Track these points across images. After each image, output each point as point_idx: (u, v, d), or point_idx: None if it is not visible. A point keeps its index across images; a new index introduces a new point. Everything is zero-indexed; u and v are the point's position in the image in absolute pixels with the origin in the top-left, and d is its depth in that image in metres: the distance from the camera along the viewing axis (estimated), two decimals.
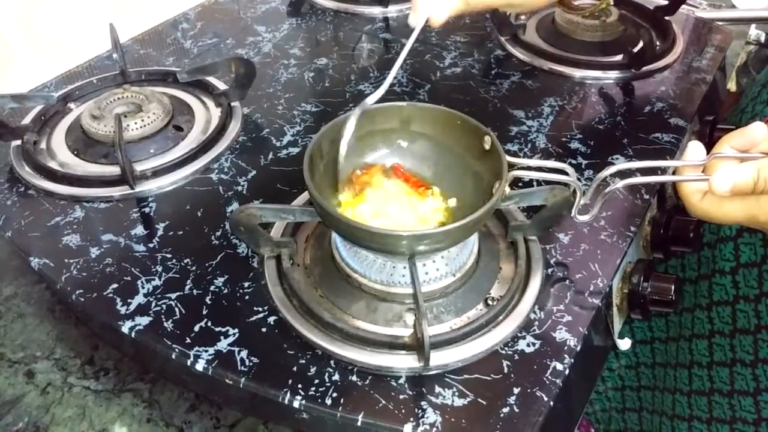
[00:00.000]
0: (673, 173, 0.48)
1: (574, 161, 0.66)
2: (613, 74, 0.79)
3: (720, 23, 0.96)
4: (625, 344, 0.58)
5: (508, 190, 0.48)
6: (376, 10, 0.96)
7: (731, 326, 0.61)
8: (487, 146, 0.51)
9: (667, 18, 0.87)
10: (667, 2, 0.89)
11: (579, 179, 0.49)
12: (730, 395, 0.62)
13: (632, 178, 0.48)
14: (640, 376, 0.78)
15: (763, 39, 1.10)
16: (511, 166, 0.48)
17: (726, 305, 0.61)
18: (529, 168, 0.49)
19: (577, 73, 0.79)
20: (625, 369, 0.79)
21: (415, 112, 0.55)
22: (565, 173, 0.48)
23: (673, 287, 0.55)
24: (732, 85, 1.15)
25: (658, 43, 0.83)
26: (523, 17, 0.90)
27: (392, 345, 0.47)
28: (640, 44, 0.78)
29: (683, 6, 0.93)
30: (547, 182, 0.50)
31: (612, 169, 0.47)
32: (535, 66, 0.81)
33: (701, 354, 0.64)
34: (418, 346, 0.46)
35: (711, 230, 0.63)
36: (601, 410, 0.85)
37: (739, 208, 0.43)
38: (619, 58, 0.80)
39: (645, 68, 0.78)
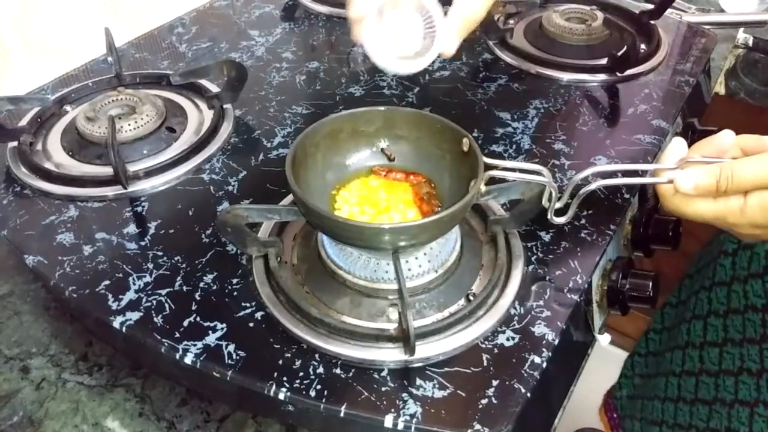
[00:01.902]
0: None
1: (557, 162, 0.67)
2: (598, 77, 0.80)
3: (708, 27, 0.98)
4: (605, 339, 0.59)
5: (484, 188, 0.49)
6: None
7: (741, 335, 0.62)
8: (465, 148, 0.52)
9: (652, 22, 0.89)
10: (652, 6, 0.90)
11: (555, 180, 0.50)
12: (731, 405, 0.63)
13: (608, 179, 0.49)
14: (659, 364, 0.78)
15: (751, 42, 1.11)
16: (489, 167, 0.50)
17: (738, 314, 0.62)
18: (505, 169, 0.50)
19: (563, 76, 0.81)
20: (650, 356, 0.79)
21: (397, 116, 0.56)
22: (541, 175, 0.49)
23: (651, 284, 0.57)
24: (721, 89, 1.17)
25: (642, 47, 0.85)
26: (511, 21, 0.92)
27: (378, 337, 0.48)
28: (624, 48, 0.80)
29: (671, 10, 0.95)
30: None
31: (587, 171, 0.48)
32: (523, 69, 0.83)
33: (711, 362, 0.66)
34: (403, 337, 0.47)
35: (731, 240, 0.64)
36: (628, 396, 0.85)
37: (709, 208, 0.45)
38: (604, 61, 0.82)
39: (629, 71, 0.80)
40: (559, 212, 0.51)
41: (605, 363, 0.85)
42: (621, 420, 0.87)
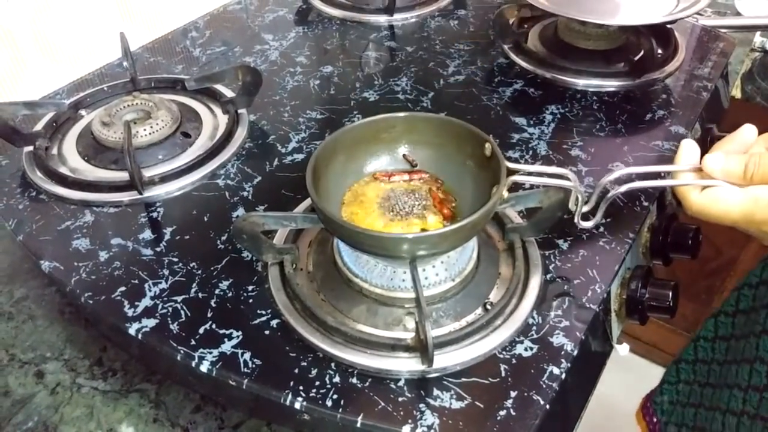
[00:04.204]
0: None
1: (574, 168, 0.66)
2: (615, 82, 0.80)
3: (724, 31, 0.97)
4: (623, 349, 0.58)
5: (506, 194, 0.49)
6: (382, 19, 0.97)
7: None
8: (487, 153, 0.52)
9: (668, 26, 0.88)
10: None
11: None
12: None
13: (633, 182, 0.48)
14: (710, 372, 0.76)
15: (767, 46, 1.10)
16: (512, 172, 0.49)
17: None
18: (529, 173, 0.49)
19: (579, 81, 0.80)
20: (700, 363, 0.77)
21: (418, 121, 0.56)
22: (567, 179, 0.49)
23: (671, 293, 0.56)
24: (737, 93, 1.16)
25: (659, 51, 0.84)
26: (525, 26, 0.92)
27: (394, 346, 0.48)
28: (642, 53, 0.79)
29: None
30: (547, 187, 0.51)
31: (614, 175, 0.47)
32: (538, 74, 0.82)
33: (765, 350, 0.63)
34: (421, 347, 0.47)
35: None
36: (669, 402, 0.83)
37: (737, 205, 0.43)
38: (620, 66, 0.81)
39: (646, 76, 0.79)
40: (584, 217, 0.51)
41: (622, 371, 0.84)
42: (664, 425, 0.84)
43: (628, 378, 1.04)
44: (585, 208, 0.50)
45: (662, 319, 0.71)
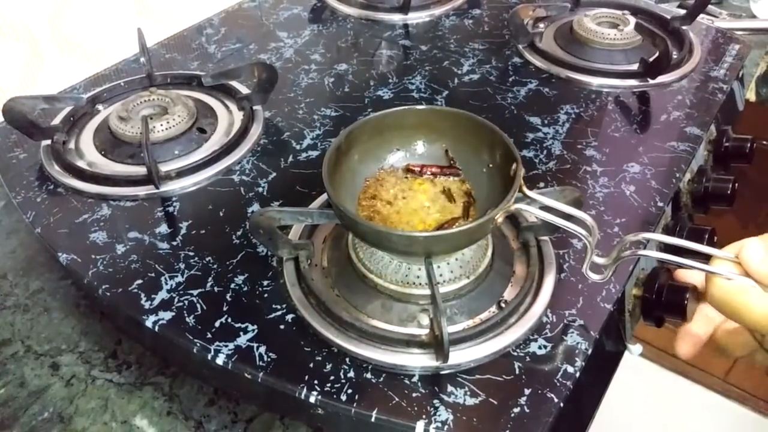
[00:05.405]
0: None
1: (589, 168, 0.66)
2: (630, 83, 0.79)
3: (740, 33, 0.97)
4: (636, 349, 0.58)
5: (501, 219, 0.48)
6: (396, 17, 0.97)
7: None
8: (512, 173, 0.50)
9: (684, 28, 0.88)
10: (684, 12, 0.89)
11: (589, 187, 0.49)
12: None
13: (653, 252, 0.47)
14: None
15: None
16: (525, 198, 0.48)
17: None
18: (546, 207, 0.47)
19: (594, 81, 0.80)
20: None
21: (465, 121, 0.55)
22: (585, 225, 0.46)
23: (686, 295, 0.56)
24: (751, 95, 1.15)
25: (674, 53, 0.84)
26: (540, 25, 0.91)
27: (409, 342, 0.48)
28: (657, 54, 0.79)
29: (703, 16, 0.93)
30: (563, 187, 0.51)
31: (639, 236, 0.46)
32: (552, 74, 0.82)
33: None
34: (436, 343, 0.47)
35: None
36: None
37: (763, 306, 0.41)
38: (635, 67, 0.81)
39: (661, 77, 0.79)
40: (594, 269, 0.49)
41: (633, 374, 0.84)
42: None
43: (639, 382, 1.03)
44: (601, 261, 0.48)
45: (676, 323, 0.71)
